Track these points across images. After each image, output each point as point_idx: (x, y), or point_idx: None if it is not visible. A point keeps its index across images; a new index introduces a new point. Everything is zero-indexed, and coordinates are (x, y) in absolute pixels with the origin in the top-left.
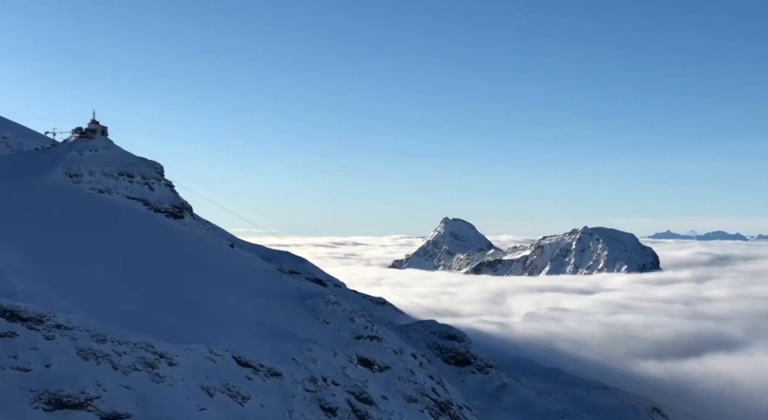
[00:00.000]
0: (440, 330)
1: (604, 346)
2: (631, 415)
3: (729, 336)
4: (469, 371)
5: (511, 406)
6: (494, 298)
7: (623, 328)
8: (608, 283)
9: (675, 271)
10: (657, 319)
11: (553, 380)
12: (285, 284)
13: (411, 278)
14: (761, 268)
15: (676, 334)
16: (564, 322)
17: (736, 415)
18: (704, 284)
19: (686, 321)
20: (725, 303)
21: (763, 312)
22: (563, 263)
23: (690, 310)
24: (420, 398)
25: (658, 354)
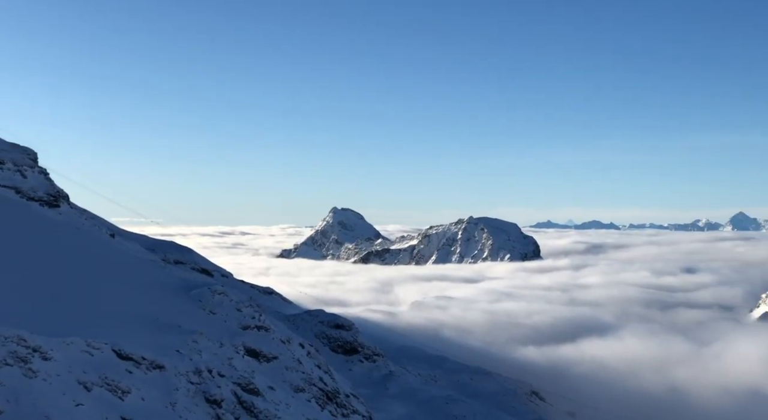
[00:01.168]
0: (328, 319)
1: (487, 333)
2: (511, 398)
3: (602, 321)
4: (356, 360)
5: (398, 394)
6: (382, 287)
7: (505, 316)
8: (492, 271)
9: (554, 260)
10: (537, 306)
11: (438, 367)
12: (169, 275)
13: (299, 268)
14: (632, 256)
15: (554, 320)
16: (449, 310)
17: (606, 394)
18: (580, 272)
19: (564, 307)
20: (599, 289)
21: (633, 297)
22: (449, 252)
23: (567, 297)
24: (307, 388)
25: (537, 340)
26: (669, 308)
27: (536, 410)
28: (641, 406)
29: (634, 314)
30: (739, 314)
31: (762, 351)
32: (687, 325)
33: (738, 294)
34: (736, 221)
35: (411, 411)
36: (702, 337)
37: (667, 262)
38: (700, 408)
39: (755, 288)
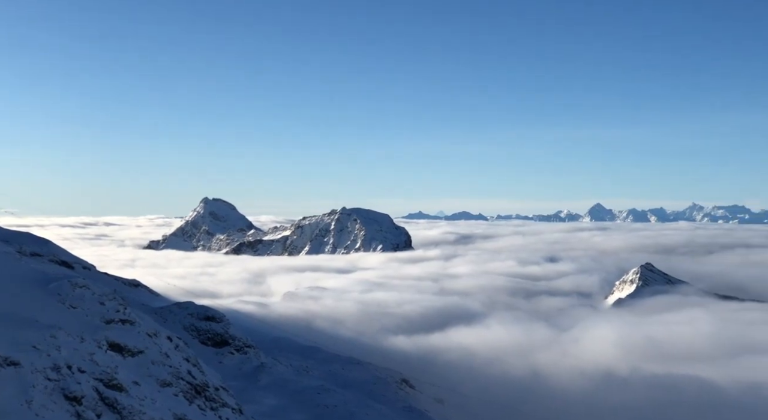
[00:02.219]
0: (198, 311)
1: (359, 323)
2: (381, 387)
3: (470, 309)
4: (227, 352)
5: (269, 385)
6: (254, 278)
7: (377, 305)
8: (365, 262)
9: (425, 250)
10: (408, 295)
11: (311, 358)
12: (25, 267)
13: (168, 259)
14: (499, 246)
15: (425, 310)
16: (322, 300)
17: (473, 380)
18: (450, 262)
19: (434, 297)
20: (468, 279)
21: (499, 286)
22: (323, 243)
23: (438, 287)
24: (175, 382)
25: (408, 329)
26: (532, 296)
27: (406, 398)
28: (505, 390)
29: (500, 302)
30: (596, 301)
31: (614, 335)
32: (549, 311)
33: (595, 282)
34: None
35: (282, 402)
36: (562, 322)
37: (531, 252)
38: (559, 390)
39: (610, 276)
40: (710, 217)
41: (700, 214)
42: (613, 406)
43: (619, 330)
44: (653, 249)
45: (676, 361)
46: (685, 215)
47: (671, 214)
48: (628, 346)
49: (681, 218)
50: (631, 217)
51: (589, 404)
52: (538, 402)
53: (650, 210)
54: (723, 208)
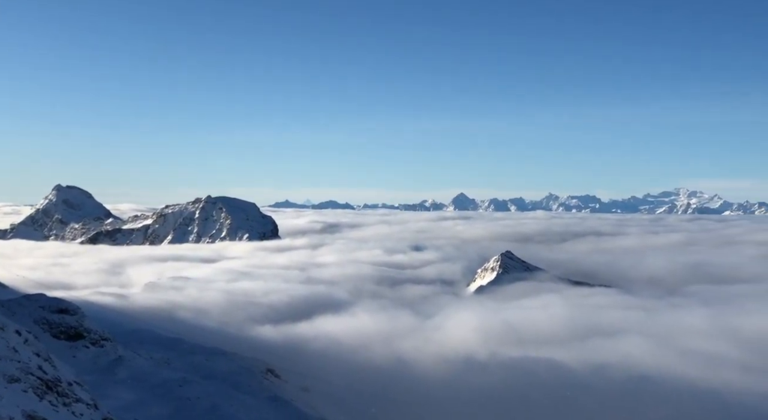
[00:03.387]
0: (50, 304)
1: (224, 313)
2: (246, 377)
3: (337, 298)
4: (81, 346)
5: (127, 379)
6: (113, 268)
7: (243, 295)
8: (230, 251)
9: (292, 239)
10: (275, 284)
11: (172, 349)
12: None
13: (16, 249)
14: (366, 235)
15: (291, 299)
16: (186, 291)
17: (339, 368)
18: (318, 251)
19: (300, 286)
20: (335, 268)
21: (366, 275)
22: (186, 232)
23: (305, 276)
24: (24, 377)
25: (274, 318)
26: (398, 284)
27: (271, 387)
28: (370, 377)
29: (366, 291)
30: (458, 288)
31: (475, 321)
32: (413, 299)
33: (458, 269)
34: (458, 202)
35: (141, 396)
36: (426, 310)
37: (397, 241)
38: (422, 376)
39: (472, 264)
40: (565, 207)
41: (556, 203)
42: (473, 389)
43: (480, 316)
44: (513, 237)
45: (532, 345)
46: (542, 205)
47: (530, 204)
48: (488, 331)
49: (539, 208)
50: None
51: (450, 388)
52: (402, 387)
53: (510, 200)
54: (576, 198)
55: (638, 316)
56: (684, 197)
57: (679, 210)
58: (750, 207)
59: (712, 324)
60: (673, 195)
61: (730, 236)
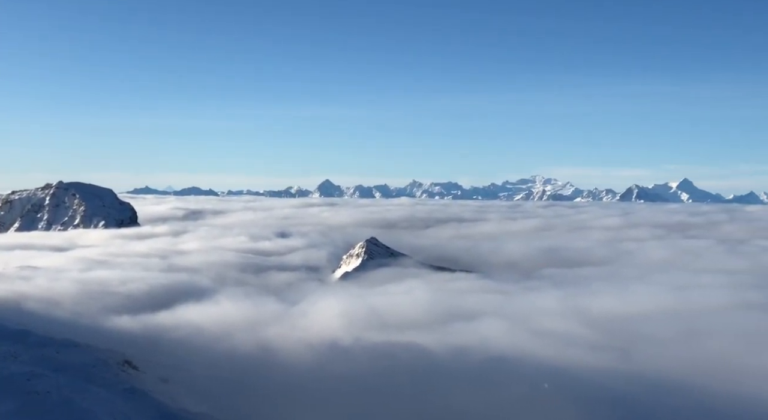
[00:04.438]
0: None
1: (77, 304)
2: (101, 369)
3: (199, 286)
4: None
5: None
6: None
7: (98, 285)
8: (85, 239)
9: (153, 226)
10: (133, 273)
11: (20, 342)
12: None
13: None
14: (230, 222)
15: (151, 288)
16: (34, 280)
17: (201, 357)
18: (180, 238)
19: (161, 274)
20: (198, 255)
21: (230, 262)
22: (35, 219)
23: (166, 264)
24: None
25: (132, 308)
26: (263, 271)
27: (128, 379)
28: (234, 366)
29: (230, 278)
30: (324, 275)
31: (340, 307)
32: (279, 286)
33: (323, 256)
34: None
35: None
36: (291, 297)
37: (262, 227)
38: (286, 363)
39: (338, 250)
40: (428, 193)
41: (419, 190)
42: (337, 375)
43: (345, 302)
44: (378, 224)
45: (396, 330)
46: (406, 191)
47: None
48: (352, 317)
49: (403, 194)
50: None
51: (315, 374)
52: (266, 375)
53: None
54: (439, 185)
55: (496, 299)
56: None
57: (536, 197)
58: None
59: (563, 305)
60: (530, 182)
61: (580, 222)
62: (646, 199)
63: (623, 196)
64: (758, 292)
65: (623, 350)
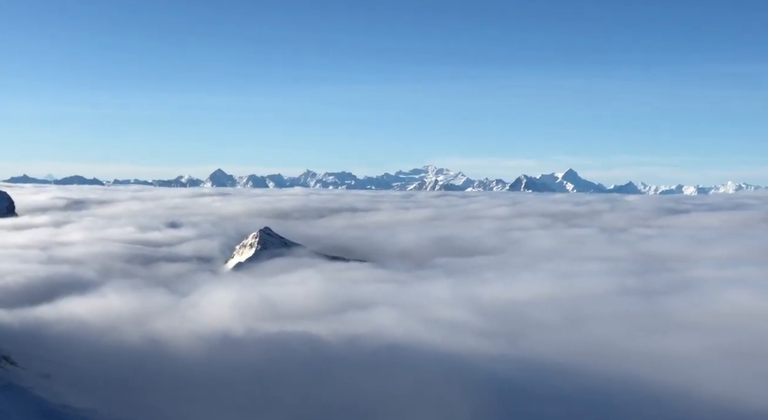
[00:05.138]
0: None
1: None
2: None
3: (83, 278)
4: None
5: None
6: None
7: None
8: None
9: (32, 216)
10: (10, 265)
11: None
12: None
13: None
14: (116, 212)
15: (29, 281)
16: None
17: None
18: (62, 229)
19: (41, 266)
20: (82, 246)
21: (116, 253)
22: None
23: (46, 255)
24: None
25: (10, 302)
26: (152, 262)
27: (6, 376)
28: (120, 360)
29: (117, 270)
30: (216, 265)
31: (233, 298)
32: (168, 278)
33: (215, 246)
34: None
35: None
36: (181, 288)
37: (151, 218)
38: (176, 355)
39: (231, 240)
40: (322, 183)
41: (313, 180)
42: (229, 366)
43: (238, 293)
44: (271, 214)
45: (289, 320)
46: (300, 181)
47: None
48: (245, 307)
49: (297, 184)
50: (251, 182)
51: (206, 366)
52: (154, 369)
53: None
54: (333, 175)
55: (389, 288)
56: (432, 174)
57: (428, 186)
58: (489, 184)
59: (454, 293)
60: (423, 172)
61: (471, 211)
62: (534, 189)
63: (512, 186)
64: (636, 278)
65: (511, 336)
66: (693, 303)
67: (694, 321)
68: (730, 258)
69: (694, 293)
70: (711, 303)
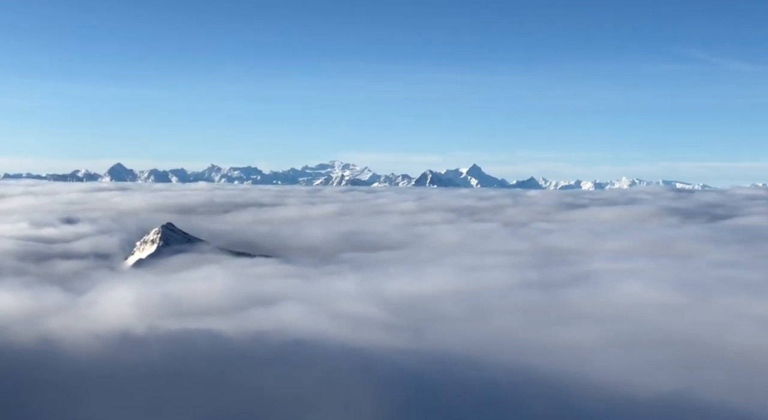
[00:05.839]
0: None
1: None
2: None
3: None
4: None
5: None
6: None
7: None
8: None
9: None
10: None
11: None
12: None
13: None
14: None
15: None
16: None
17: None
18: None
19: None
20: None
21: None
22: None
23: None
24: None
25: None
26: (46, 260)
27: None
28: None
29: (8, 268)
30: (115, 262)
31: (133, 295)
32: (64, 275)
33: (115, 242)
34: (114, 172)
35: None
36: (78, 286)
37: (46, 213)
38: (73, 355)
39: (131, 236)
40: (227, 178)
41: (218, 175)
42: (129, 365)
43: (138, 290)
44: (174, 209)
45: (192, 317)
46: (204, 176)
47: (192, 175)
48: (146, 305)
49: (201, 179)
50: (153, 177)
51: (105, 366)
52: (51, 369)
53: (171, 170)
54: (238, 170)
55: (296, 283)
56: (339, 170)
57: (335, 182)
58: (395, 179)
59: (361, 288)
60: (329, 167)
61: (378, 206)
62: (439, 184)
63: (418, 182)
64: (537, 272)
65: (416, 329)
66: (590, 294)
67: (590, 312)
68: (625, 251)
69: (591, 285)
70: (606, 294)
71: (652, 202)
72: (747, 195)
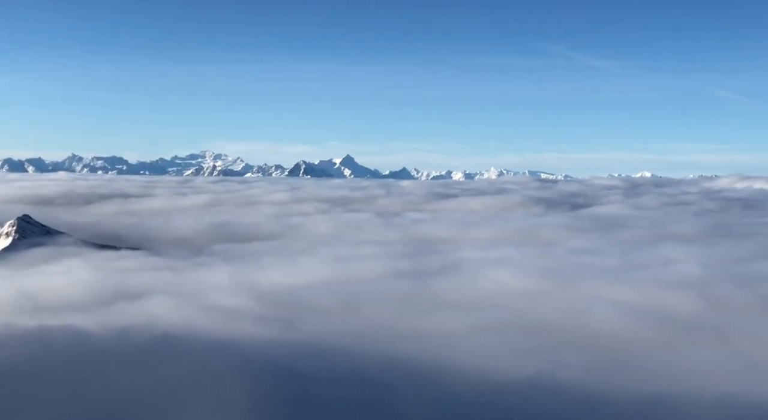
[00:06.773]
0: None
1: None
2: None
3: None
4: None
5: None
6: None
7: None
8: None
9: None
10: None
11: None
12: None
13: None
14: None
15: None
16: None
17: None
18: None
19: None
20: None
21: None
22: None
23: None
24: None
25: None
26: None
27: None
28: None
29: None
30: None
31: None
32: None
33: None
34: None
35: None
36: None
37: None
38: None
39: None
40: (90, 168)
41: (80, 164)
42: None
43: None
44: (31, 200)
45: (51, 313)
46: (64, 166)
47: (50, 165)
48: (0, 302)
49: (61, 168)
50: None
51: None
52: None
53: (28, 160)
54: (102, 159)
55: (164, 276)
56: (210, 160)
57: (206, 172)
58: (268, 169)
59: (232, 280)
60: (200, 157)
61: (250, 197)
62: (313, 174)
63: (291, 172)
64: (408, 261)
65: (288, 321)
66: (459, 283)
67: (459, 300)
68: (492, 240)
69: (460, 273)
70: (474, 282)
71: (519, 192)
72: (604, 185)
